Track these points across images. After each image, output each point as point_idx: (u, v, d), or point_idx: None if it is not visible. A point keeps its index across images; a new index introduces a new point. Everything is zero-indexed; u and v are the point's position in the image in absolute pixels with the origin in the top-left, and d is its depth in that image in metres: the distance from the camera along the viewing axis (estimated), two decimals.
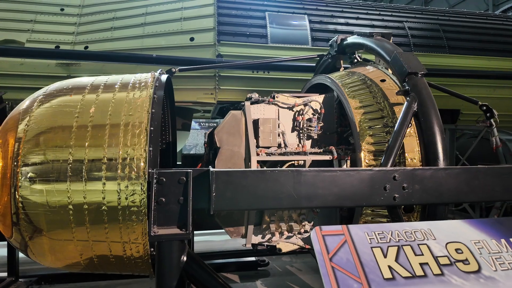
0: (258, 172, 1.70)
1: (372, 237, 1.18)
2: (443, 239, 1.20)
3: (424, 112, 2.15)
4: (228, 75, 5.61)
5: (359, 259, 1.09)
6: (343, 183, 1.78)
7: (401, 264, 1.09)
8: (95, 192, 2.11)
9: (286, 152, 2.55)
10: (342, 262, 1.06)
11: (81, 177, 2.11)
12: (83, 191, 2.11)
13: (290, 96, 2.85)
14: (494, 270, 1.11)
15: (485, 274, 1.09)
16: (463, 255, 1.16)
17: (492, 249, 1.19)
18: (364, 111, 2.52)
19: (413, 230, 1.22)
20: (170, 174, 1.63)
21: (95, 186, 2.11)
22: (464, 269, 1.12)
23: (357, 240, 1.16)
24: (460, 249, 1.18)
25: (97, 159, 2.14)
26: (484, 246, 1.20)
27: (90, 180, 2.11)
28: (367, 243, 1.15)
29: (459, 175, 1.97)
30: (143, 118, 2.24)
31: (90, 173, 2.12)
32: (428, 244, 1.17)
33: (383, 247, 1.14)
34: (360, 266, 1.06)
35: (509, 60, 6.70)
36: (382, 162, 2.08)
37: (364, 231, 1.21)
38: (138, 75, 2.68)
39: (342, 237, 1.16)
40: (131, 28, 5.85)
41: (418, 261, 1.11)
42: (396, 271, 1.07)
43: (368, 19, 6.49)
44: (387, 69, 2.88)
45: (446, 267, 1.11)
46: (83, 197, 2.11)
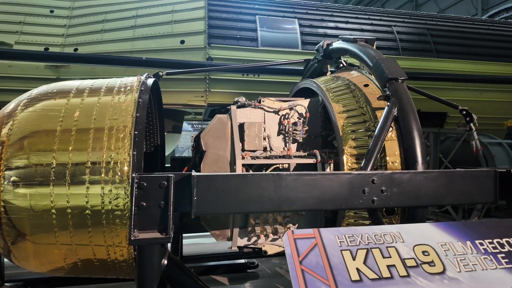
0: (239, 176, 1.73)
1: (342, 240, 1.21)
2: (411, 242, 1.24)
3: (404, 117, 2.20)
4: (219, 78, 5.64)
5: (329, 261, 1.12)
6: (323, 187, 1.82)
7: (368, 266, 1.13)
8: (78, 196, 2.12)
9: (271, 155, 2.58)
10: (311, 265, 1.09)
11: (64, 181, 2.12)
12: (66, 195, 2.12)
13: (276, 100, 2.89)
14: (458, 271, 1.15)
15: (449, 275, 1.13)
16: (429, 257, 1.20)
17: (457, 251, 1.23)
18: (347, 115, 2.56)
19: (383, 233, 1.26)
20: (151, 179, 1.65)
21: (79, 190, 2.12)
22: (430, 270, 1.16)
23: (328, 243, 1.19)
24: (427, 251, 1.22)
25: (80, 163, 2.14)
26: (450, 248, 1.24)
27: (73, 184, 2.12)
28: (337, 246, 1.18)
29: (436, 179, 2.02)
30: (128, 122, 2.25)
31: (74, 177, 2.12)
32: (396, 246, 1.21)
33: (352, 250, 1.18)
34: (329, 268, 1.09)
35: (495, 64, 6.83)
36: (363, 165, 2.12)
37: (335, 234, 1.24)
38: (124, 79, 2.70)
39: (313, 241, 1.19)
40: (121, 31, 5.84)
41: (386, 263, 1.14)
42: (363, 273, 1.11)
43: (357, 23, 6.57)
44: (371, 74, 2.93)
45: (412, 268, 1.15)
46: (66, 201, 2.12)
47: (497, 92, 6.64)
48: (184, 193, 1.70)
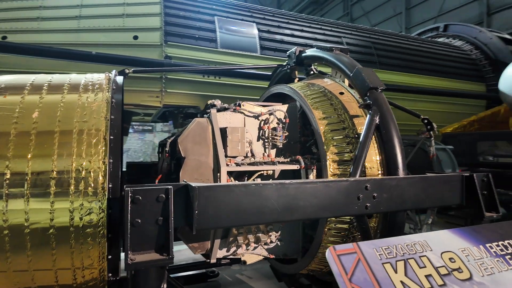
0: (241, 186, 1.62)
1: (380, 252, 1.21)
2: (438, 249, 1.30)
3: (385, 125, 2.31)
4: (176, 78, 5.35)
5: (375, 277, 1.10)
6: (322, 194, 1.80)
7: (410, 278, 1.14)
8: (40, 211, 1.79)
9: (255, 162, 2.50)
10: (360, 281, 1.07)
11: (22, 194, 1.77)
12: (24, 211, 1.77)
13: (255, 104, 2.81)
14: (482, 276, 1.24)
15: (476, 281, 1.21)
16: (456, 263, 1.27)
17: (475, 255, 1.33)
18: (327, 122, 2.61)
19: (413, 243, 1.29)
20: (147, 192, 1.45)
21: (41, 205, 1.79)
22: (460, 277, 1.22)
23: (369, 257, 1.17)
24: (453, 258, 1.29)
25: (43, 172, 1.82)
26: (469, 253, 1.33)
27: (34, 197, 1.78)
28: (378, 260, 1.17)
29: (417, 183, 2.15)
30: (101, 125, 1.98)
31: (35, 188, 1.79)
32: (427, 255, 1.25)
33: (392, 262, 1.18)
34: (377, 284, 1.08)
35: (426, 78, 7.69)
36: (352, 172, 2.16)
37: (373, 248, 1.23)
38: (89, 76, 2.37)
39: (355, 256, 1.16)
40: (63, 20, 5.20)
41: (424, 273, 1.17)
42: (408, 286, 1.12)
43: (311, 32, 6.83)
44: (344, 82, 3.03)
45: (446, 277, 1.20)
46: (24, 219, 1.77)
47: (429, 103, 7.47)
48: (183, 207, 1.53)
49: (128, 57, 4.74)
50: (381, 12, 22.73)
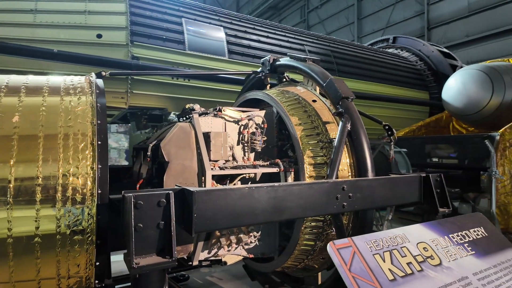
0: (236, 190, 1.71)
1: (370, 245, 1.38)
2: (414, 240, 1.51)
3: (356, 131, 2.55)
4: (143, 79, 5.24)
5: (368, 266, 1.26)
6: (306, 195, 1.97)
7: (396, 266, 1.32)
8: (25, 220, 1.73)
9: (238, 165, 2.60)
10: (358, 271, 1.22)
11: (5, 201, 1.69)
12: (7, 220, 1.69)
13: (235, 110, 2.91)
14: (448, 261, 1.47)
15: (445, 266, 1.43)
16: (428, 252, 1.49)
17: (442, 244, 1.57)
18: (303, 127, 2.79)
19: (395, 236, 1.49)
20: (148, 197, 1.48)
21: (26, 213, 1.73)
22: (433, 263, 1.44)
23: (362, 249, 1.34)
24: (426, 247, 1.51)
25: (28, 178, 1.75)
26: (438, 243, 1.56)
27: (18, 205, 1.72)
28: (369, 252, 1.34)
29: (385, 184, 2.41)
30: (87, 130, 1.95)
31: (19, 196, 1.72)
32: (407, 246, 1.46)
33: (380, 253, 1.36)
34: (371, 272, 1.24)
35: (379, 85, 8.34)
36: (329, 174, 2.36)
37: (364, 241, 1.40)
38: (68, 78, 2.30)
39: (351, 249, 1.32)
40: (15, 13, 4.84)
41: (405, 261, 1.37)
42: (395, 273, 1.30)
43: (276, 39, 7.07)
44: (315, 90, 3.26)
45: (422, 263, 1.41)
46: (7, 229, 1.69)
47: (382, 108, 8.11)
48: (183, 211, 1.58)
49: (94, 56, 4.55)
50: (335, 20, 23.99)
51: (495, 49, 15.35)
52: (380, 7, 20.79)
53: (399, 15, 19.81)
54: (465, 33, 16.64)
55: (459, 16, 16.66)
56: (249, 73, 3.88)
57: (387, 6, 20.37)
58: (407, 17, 19.25)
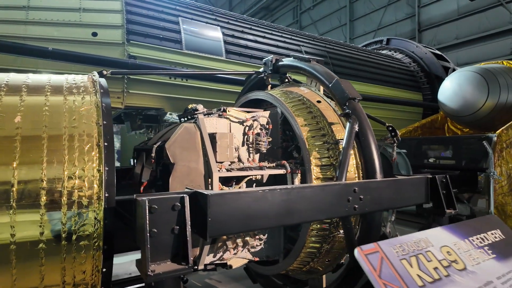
0: (250, 193, 1.67)
1: (396, 250, 1.36)
2: (437, 244, 1.49)
3: (363, 132, 2.53)
4: (140, 79, 5.15)
5: (397, 272, 1.24)
6: (318, 198, 1.93)
7: (423, 271, 1.30)
8: (29, 224, 1.65)
9: (244, 167, 2.55)
10: (388, 277, 1.19)
11: (7, 206, 1.61)
12: (10, 225, 1.61)
13: (240, 110, 2.86)
14: (472, 265, 1.46)
15: (470, 270, 1.42)
16: (452, 256, 1.47)
17: (464, 248, 1.56)
18: (309, 128, 2.76)
19: (418, 240, 1.47)
20: (162, 201, 1.42)
21: (30, 217, 1.65)
22: (458, 267, 1.43)
23: (389, 255, 1.31)
24: (449, 251, 1.49)
25: (31, 181, 1.67)
26: (460, 246, 1.55)
27: (21, 208, 1.64)
28: (396, 257, 1.32)
29: (392, 185, 2.40)
30: (93, 131, 1.88)
31: (22, 199, 1.64)
32: (431, 250, 1.44)
33: (406, 258, 1.33)
34: (400, 278, 1.21)
35: (375, 86, 8.39)
36: (338, 176, 2.34)
37: (390, 246, 1.38)
38: (70, 77, 2.22)
39: (378, 254, 1.29)
40: (6, 10, 4.69)
41: (432, 266, 1.35)
42: (423, 278, 1.27)
43: (273, 39, 7.04)
44: (319, 91, 3.24)
45: (448, 268, 1.39)
46: (10, 234, 1.61)
47: (377, 109, 8.16)
48: (197, 215, 1.53)
49: (91, 55, 4.44)
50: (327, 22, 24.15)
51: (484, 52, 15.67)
52: (372, 9, 21.02)
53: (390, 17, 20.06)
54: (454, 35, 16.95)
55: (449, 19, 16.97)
56: (251, 73, 3.84)
57: (378, 8, 20.61)
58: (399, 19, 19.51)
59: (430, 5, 17.98)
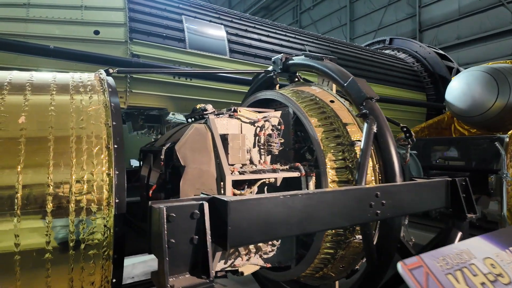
0: (271, 198, 1.56)
1: (440, 263, 1.26)
2: (479, 256, 1.40)
3: (382, 133, 2.43)
4: (143, 78, 5.03)
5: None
6: (340, 203, 1.83)
7: (470, 287, 1.21)
8: (34, 232, 1.54)
9: (257, 170, 2.44)
10: None
11: (11, 212, 1.50)
12: (14, 232, 1.50)
13: (251, 110, 2.75)
14: None
15: None
16: (497, 269, 1.38)
17: (506, 259, 1.46)
18: (323, 129, 2.66)
19: (460, 252, 1.37)
20: (180, 209, 1.31)
21: (35, 224, 1.54)
22: (504, 281, 1.33)
23: (433, 269, 1.21)
24: (493, 264, 1.40)
25: (37, 185, 1.56)
26: (502, 258, 1.45)
27: (26, 215, 1.53)
28: (441, 271, 1.22)
29: (413, 189, 2.29)
30: (102, 132, 1.77)
31: (27, 205, 1.53)
32: (475, 263, 1.34)
33: (451, 272, 1.24)
34: None
35: (379, 86, 8.30)
36: (358, 180, 2.23)
37: (433, 260, 1.28)
38: (75, 75, 2.11)
39: (422, 269, 1.19)
40: (6, 7, 4.57)
41: (478, 281, 1.25)
42: None
43: (277, 38, 6.94)
44: (331, 90, 3.13)
45: (494, 283, 1.30)
46: (14, 243, 1.50)
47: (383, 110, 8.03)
48: (216, 223, 1.42)
49: (94, 54, 4.32)
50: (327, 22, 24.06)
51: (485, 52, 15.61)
52: (372, 9, 20.95)
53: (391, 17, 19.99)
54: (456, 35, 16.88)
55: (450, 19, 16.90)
56: (259, 72, 3.73)
57: (379, 8, 20.53)
58: (399, 19, 19.44)
59: (431, 5, 17.91)
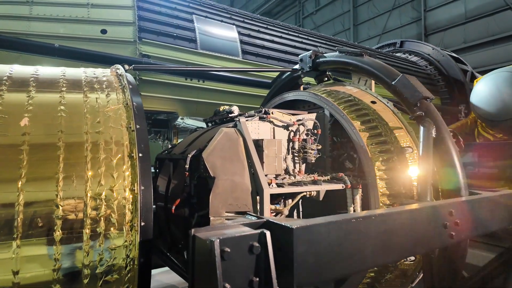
0: (342, 222, 1.22)
1: None
2: None
3: (442, 138, 2.10)
4: (153, 80, 4.71)
5: None
6: (415, 225, 1.49)
7: None
8: (38, 260, 1.20)
9: (297, 181, 2.10)
10: None
11: (9, 235, 1.16)
12: (13, 263, 1.16)
13: (284, 113, 2.42)
14: None
15: None
16: None
17: None
18: (368, 134, 2.33)
19: None
20: (237, 241, 0.98)
21: (39, 252, 1.20)
22: None
23: None
24: None
25: (42, 204, 1.22)
26: None
27: (28, 241, 1.19)
28: None
29: (483, 205, 1.95)
30: (123, 137, 1.43)
31: (30, 228, 1.19)
32: None
33: None
34: None
35: None
36: (420, 195, 1.89)
37: None
38: (88, 70, 1.78)
39: None
40: (8, 5, 4.27)
41: None
42: None
43: (290, 39, 6.65)
44: (370, 89, 2.81)
45: None
46: (12, 274, 1.16)
47: None
48: (276, 257, 1.08)
49: (101, 53, 4.02)
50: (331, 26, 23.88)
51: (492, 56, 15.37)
52: (376, 14, 20.78)
53: (395, 21, 19.81)
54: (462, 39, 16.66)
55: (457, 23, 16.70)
56: (285, 70, 3.41)
57: (383, 13, 20.36)
58: (404, 23, 19.26)
59: (436, 9, 17.74)
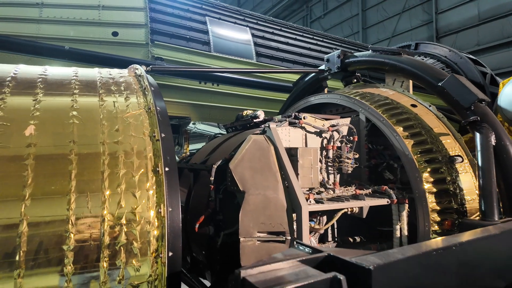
0: (421, 256, 0.98)
1: None
2: None
3: (502, 146, 1.83)
4: (165, 84, 4.51)
5: None
6: (498, 251, 1.23)
7: None
8: None
9: (337, 196, 1.85)
10: None
11: (11, 266, 0.94)
12: None
13: (317, 117, 2.18)
14: None
15: None
16: None
17: None
18: (413, 141, 2.07)
19: None
20: None
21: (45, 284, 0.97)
22: None
23: None
24: None
25: (50, 227, 1.00)
26: None
27: (32, 271, 0.96)
28: None
29: None
30: (146, 148, 1.20)
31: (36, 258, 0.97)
32: None
33: None
34: None
35: None
36: (486, 212, 1.63)
37: None
38: (103, 70, 1.57)
39: None
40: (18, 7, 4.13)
41: None
42: None
43: (304, 42, 6.43)
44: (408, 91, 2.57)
45: None
46: None
47: None
48: None
49: (113, 56, 3.84)
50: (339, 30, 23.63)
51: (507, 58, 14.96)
52: (385, 17, 20.49)
53: (405, 24, 19.50)
54: (475, 41, 16.28)
55: (470, 25, 16.34)
56: (312, 71, 3.18)
57: (392, 16, 20.07)
58: (414, 26, 18.94)
59: (448, 11, 17.41)
